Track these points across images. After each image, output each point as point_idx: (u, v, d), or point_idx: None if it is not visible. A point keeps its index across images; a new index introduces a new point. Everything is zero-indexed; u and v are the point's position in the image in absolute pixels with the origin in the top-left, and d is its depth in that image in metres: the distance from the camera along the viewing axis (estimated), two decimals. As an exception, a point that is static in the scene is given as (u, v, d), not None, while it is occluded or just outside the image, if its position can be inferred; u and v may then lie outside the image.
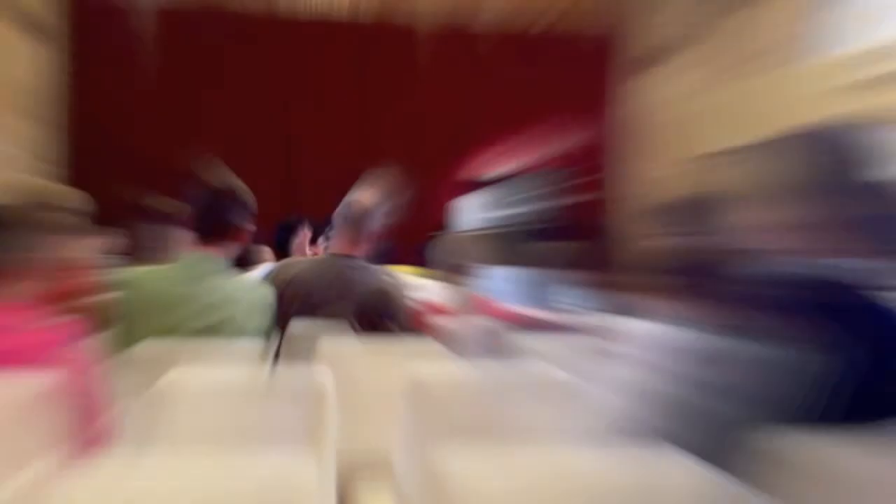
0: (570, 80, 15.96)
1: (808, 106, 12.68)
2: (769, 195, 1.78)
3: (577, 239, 13.30)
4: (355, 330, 3.52)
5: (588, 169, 16.25)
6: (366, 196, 4.00)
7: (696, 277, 2.66)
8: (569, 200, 16.00)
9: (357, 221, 3.94)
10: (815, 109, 12.54)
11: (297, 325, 3.76)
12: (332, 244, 4.07)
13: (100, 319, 4.05)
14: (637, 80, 16.06)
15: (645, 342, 2.59)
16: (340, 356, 3.16)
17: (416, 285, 6.26)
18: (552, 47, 15.67)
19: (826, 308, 1.49)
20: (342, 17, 15.00)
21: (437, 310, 4.24)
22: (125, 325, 3.26)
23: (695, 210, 3.49)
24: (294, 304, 3.79)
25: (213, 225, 3.31)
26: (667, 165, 16.03)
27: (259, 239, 5.85)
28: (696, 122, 15.92)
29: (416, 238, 14.86)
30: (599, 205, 16.16)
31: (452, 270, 4.31)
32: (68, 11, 13.93)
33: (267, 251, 5.73)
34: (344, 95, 15.45)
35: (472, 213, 14.57)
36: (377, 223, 3.98)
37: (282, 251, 5.55)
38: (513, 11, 15.53)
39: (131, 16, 14.18)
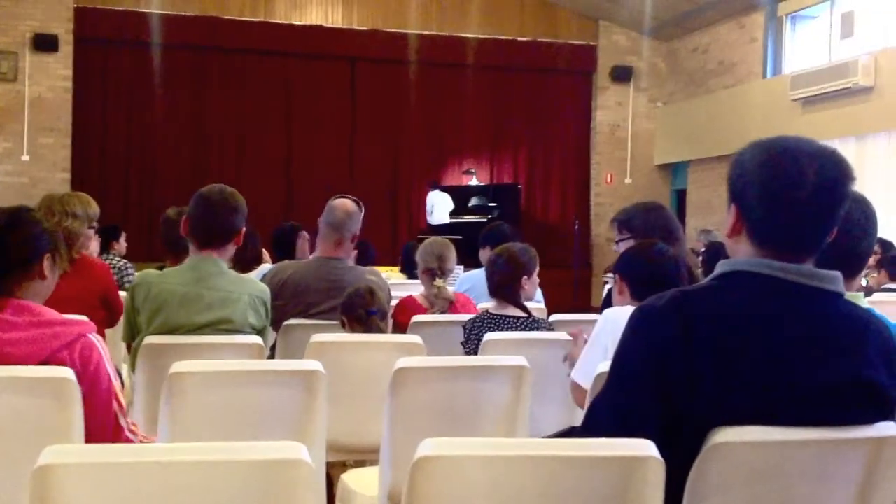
0: (544, 92, 16.09)
1: (757, 121, 12.81)
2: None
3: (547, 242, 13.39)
4: (344, 326, 3.54)
5: (556, 177, 16.40)
6: (346, 203, 4.03)
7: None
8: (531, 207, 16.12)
9: (340, 226, 3.96)
10: (763, 124, 12.65)
11: (292, 322, 3.78)
12: (319, 248, 4.09)
13: (113, 315, 4.06)
14: (604, 96, 16.19)
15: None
16: (331, 350, 3.18)
17: (403, 287, 6.29)
18: (529, 60, 15.77)
19: None
20: (336, 26, 15.03)
21: (418, 307, 4.27)
22: (135, 321, 3.26)
23: (644, 217, 3.54)
24: (289, 302, 3.81)
25: (212, 230, 3.33)
26: (630, 174, 16.19)
27: (257, 242, 5.86)
28: (655, 135, 16.07)
29: (396, 241, 14.94)
30: (566, 210, 16.31)
31: (429, 271, 4.33)
32: (75, 30, 13.90)
33: (264, 254, 5.72)
34: (336, 106, 15.47)
35: (446, 217, 14.61)
36: (356, 227, 4.01)
37: (279, 254, 5.56)
38: (493, 26, 15.62)
39: (133, 28, 14.15)
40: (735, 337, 1.68)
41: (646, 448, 1.60)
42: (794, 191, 1.69)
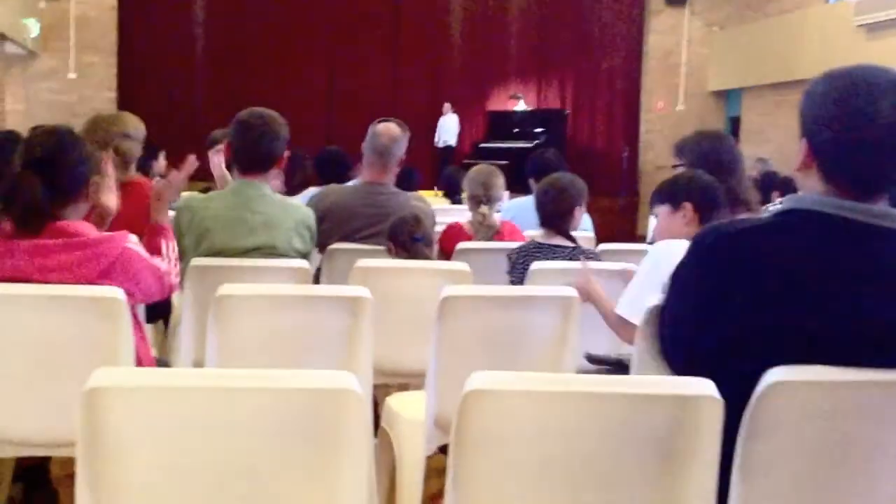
0: (594, 16, 15.74)
1: (816, 48, 12.41)
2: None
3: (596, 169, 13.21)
4: (389, 251, 3.52)
5: (604, 104, 16.14)
6: (390, 127, 3.97)
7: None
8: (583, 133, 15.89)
9: (384, 151, 3.92)
10: (824, 51, 12.25)
11: (337, 247, 3.78)
12: (364, 173, 4.06)
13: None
14: (657, 19, 15.77)
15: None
16: (376, 275, 3.17)
17: (446, 212, 6.26)
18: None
19: None
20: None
21: (463, 234, 4.24)
22: (181, 244, 3.27)
23: (696, 146, 3.46)
24: (333, 227, 3.80)
25: (252, 156, 3.32)
26: (683, 101, 15.85)
27: (305, 166, 5.85)
28: (709, 60, 15.67)
29: (440, 165, 14.89)
30: (613, 136, 16.07)
31: (475, 198, 4.29)
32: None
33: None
34: (380, 33, 15.30)
35: (452, 140, 14.46)
36: (401, 152, 3.97)
37: (323, 178, 5.54)
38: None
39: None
40: (792, 276, 1.63)
41: (704, 387, 1.56)
42: (867, 127, 1.62)
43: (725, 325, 1.65)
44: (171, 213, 3.24)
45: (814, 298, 1.63)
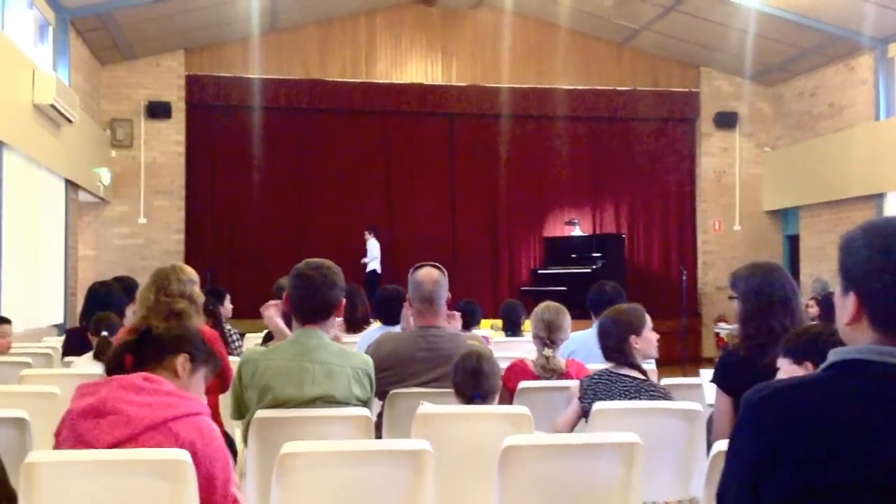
0: (645, 141, 15.95)
1: (868, 165, 12.38)
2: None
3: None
4: (452, 395, 3.52)
5: (659, 226, 16.18)
6: (430, 272, 4.03)
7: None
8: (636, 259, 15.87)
9: (432, 297, 3.98)
10: (875, 168, 12.22)
11: (398, 391, 3.80)
12: (416, 318, 4.07)
13: (224, 382, 4.17)
14: (708, 142, 15.93)
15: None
16: (438, 421, 3.17)
17: (504, 346, 6.25)
18: (630, 109, 15.70)
19: None
20: (436, 83, 15.26)
21: (528, 373, 4.22)
22: (243, 397, 3.33)
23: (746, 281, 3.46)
24: (392, 374, 3.83)
25: (311, 308, 3.39)
26: (739, 221, 15.83)
27: (365, 303, 5.95)
28: (763, 180, 15.71)
29: (497, 294, 14.93)
30: (670, 258, 16.04)
31: (539, 339, 4.28)
32: (186, 97, 14.54)
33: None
34: (435, 162, 15.63)
35: (377, 265, 14.34)
36: (445, 292, 4.02)
37: (384, 319, 5.61)
38: (590, 77, 15.63)
39: (239, 93, 14.65)
40: (851, 427, 1.60)
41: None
42: None
43: (781, 485, 1.61)
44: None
45: (875, 449, 1.59)
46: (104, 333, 4.83)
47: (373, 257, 14.20)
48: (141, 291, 4.15)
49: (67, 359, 5.38)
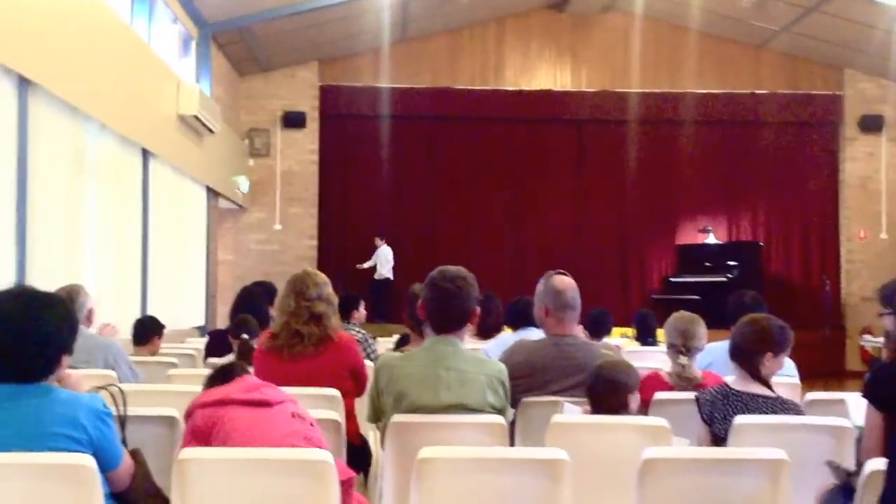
0: (785, 146, 15.38)
1: None
2: None
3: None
4: (586, 405, 3.49)
5: (799, 234, 15.56)
6: (566, 280, 3.99)
7: None
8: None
9: (573, 305, 3.94)
10: None
11: (531, 400, 3.78)
12: (550, 326, 4.04)
13: (360, 386, 4.26)
14: (853, 147, 15.26)
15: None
16: (572, 431, 3.14)
17: (636, 355, 6.14)
18: (769, 113, 15.18)
19: None
20: (565, 89, 15.17)
21: (662, 384, 4.13)
22: (379, 402, 3.38)
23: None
24: (525, 382, 3.81)
25: (446, 317, 3.41)
26: (886, 230, 15.08)
27: (499, 310, 5.97)
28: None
29: (628, 303, 14.68)
30: (811, 267, 15.40)
31: (674, 347, 4.18)
32: (320, 107, 14.95)
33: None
34: (564, 169, 15.52)
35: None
36: (576, 300, 3.97)
37: (513, 326, 5.63)
38: (726, 81, 15.21)
39: (371, 102, 14.95)
40: None
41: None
42: None
43: None
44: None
45: None
46: (244, 336, 5.00)
47: (386, 263, 14.26)
48: (281, 298, 4.29)
49: (210, 360, 5.59)
